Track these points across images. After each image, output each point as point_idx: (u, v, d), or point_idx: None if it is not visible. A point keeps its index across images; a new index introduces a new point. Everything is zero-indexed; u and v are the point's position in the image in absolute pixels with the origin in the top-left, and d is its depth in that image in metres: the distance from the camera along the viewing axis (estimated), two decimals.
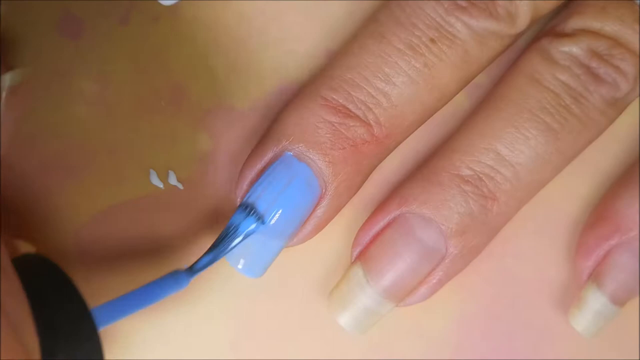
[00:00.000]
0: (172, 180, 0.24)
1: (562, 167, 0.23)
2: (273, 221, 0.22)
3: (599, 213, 0.24)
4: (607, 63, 0.22)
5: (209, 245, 0.24)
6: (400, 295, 0.23)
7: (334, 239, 0.24)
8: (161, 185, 0.24)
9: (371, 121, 0.22)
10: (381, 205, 0.24)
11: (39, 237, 0.24)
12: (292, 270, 0.24)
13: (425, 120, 0.23)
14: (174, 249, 0.24)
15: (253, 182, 0.22)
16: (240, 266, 0.22)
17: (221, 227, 0.24)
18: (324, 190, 0.22)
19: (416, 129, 0.23)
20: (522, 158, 0.22)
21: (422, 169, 0.24)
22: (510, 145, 0.22)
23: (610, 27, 0.22)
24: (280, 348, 0.24)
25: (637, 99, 0.25)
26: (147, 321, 0.24)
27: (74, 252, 0.24)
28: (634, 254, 0.23)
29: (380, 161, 0.23)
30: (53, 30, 0.24)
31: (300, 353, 0.24)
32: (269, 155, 0.22)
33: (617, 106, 0.23)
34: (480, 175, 0.22)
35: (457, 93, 0.23)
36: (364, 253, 0.23)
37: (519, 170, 0.22)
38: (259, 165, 0.22)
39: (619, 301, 0.23)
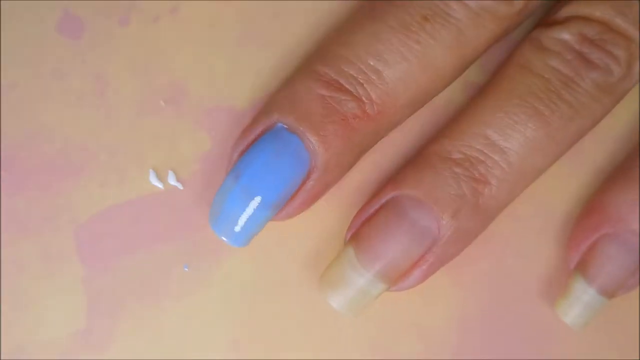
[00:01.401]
0: (172, 180, 0.24)
1: (555, 154, 0.23)
2: (262, 191, 0.22)
3: (588, 205, 0.24)
4: (598, 47, 0.22)
5: (208, 246, 0.24)
6: (391, 276, 0.23)
7: (336, 237, 0.24)
8: (161, 186, 0.24)
9: (362, 97, 0.22)
10: (376, 192, 0.24)
11: (38, 236, 0.24)
12: (292, 270, 0.24)
13: (421, 104, 0.23)
14: (173, 249, 0.24)
15: (243, 153, 0.22)
16: (224, 235, 0.22)
17: None
18: (313, 164, 0.22)
19: (411, 111, 0.23)
20: (511, 143, 0.22)
21: (415, 156, 0.24)
22: (499, 130, 0.22)
23: (600, 11, 0.22)
24: (280, 348, 0.24)
25: (637, 99, 0.25)
26: (147, 321, 0.24)
27: (74, 252, 0.24)
28: (621, 244, 0.23)
29: (372, 142, 0.23)
30: (53, 30, 0.24)
31: (300, 353, 0.24)
32: (260, 128, 0.22)
33: (612, 93, 0.23)
34: (471, 159, 0.22)
35: (453, 78, 0.23)
36: (356, 234, 0.23)
37: (510, 154, 0.22)
38: (250, 137, 0.22)
39: (606, 292, 0.23)
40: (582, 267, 0.24)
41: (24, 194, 0.24)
